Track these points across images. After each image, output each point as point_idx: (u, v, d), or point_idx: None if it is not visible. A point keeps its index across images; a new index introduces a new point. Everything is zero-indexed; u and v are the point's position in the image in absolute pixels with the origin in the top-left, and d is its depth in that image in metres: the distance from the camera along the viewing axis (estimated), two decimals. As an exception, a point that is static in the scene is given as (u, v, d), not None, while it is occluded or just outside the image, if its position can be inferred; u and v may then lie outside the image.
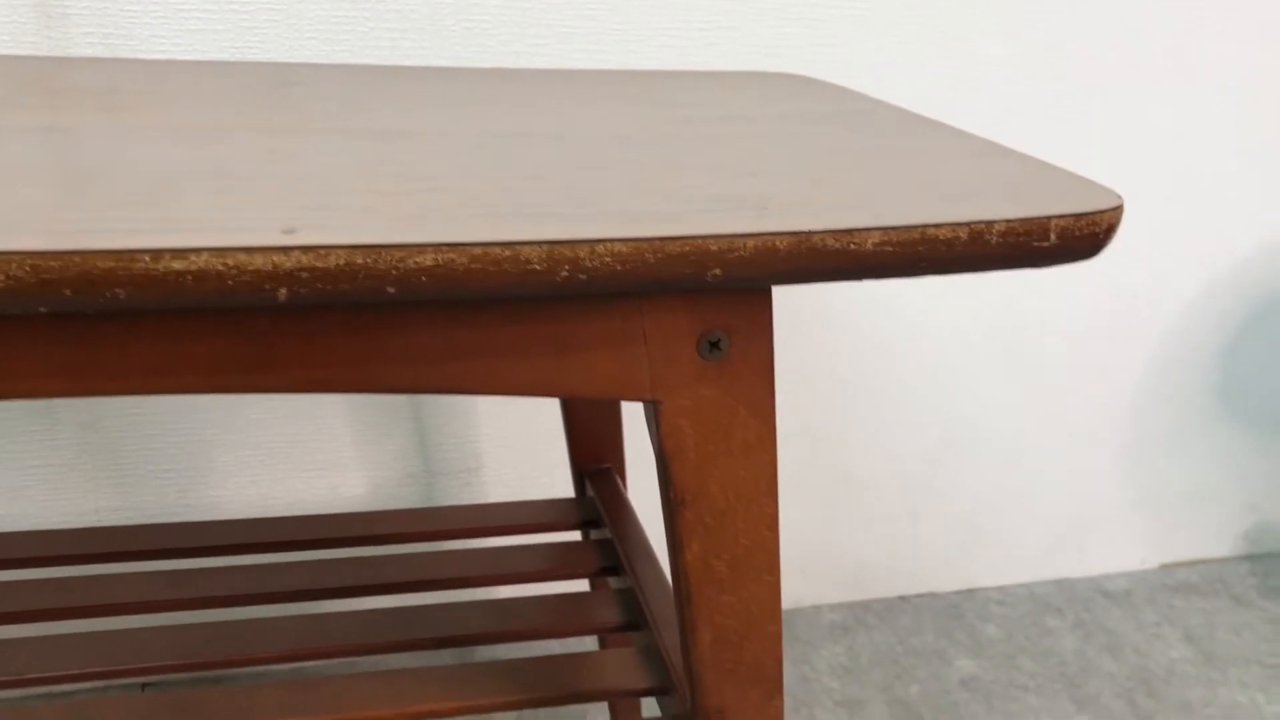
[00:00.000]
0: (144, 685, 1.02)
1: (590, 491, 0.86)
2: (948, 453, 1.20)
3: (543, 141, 0.54)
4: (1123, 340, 1.21)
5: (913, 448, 1.19)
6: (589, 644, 1.07)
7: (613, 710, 0.96)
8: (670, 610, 0.69)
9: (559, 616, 0.71)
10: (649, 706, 0.94)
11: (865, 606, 1.24)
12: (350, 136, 0.53)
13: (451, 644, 0.68)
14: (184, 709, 0.60)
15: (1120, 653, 1.17)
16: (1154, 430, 1.27)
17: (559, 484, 1.08)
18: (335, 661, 1.01)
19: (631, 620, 0.72)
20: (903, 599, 1.26)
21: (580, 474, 0.88)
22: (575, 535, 0.86)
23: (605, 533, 0.82)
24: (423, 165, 0.48)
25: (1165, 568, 1.34)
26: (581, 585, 0.96)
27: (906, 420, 1.18)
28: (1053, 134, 1.10)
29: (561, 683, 0.64)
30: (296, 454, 1.01)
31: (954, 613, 1.24)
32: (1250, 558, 1.37)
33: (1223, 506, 1.33)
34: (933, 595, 1.27)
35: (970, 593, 1.28)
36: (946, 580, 1.27)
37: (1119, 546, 1.31)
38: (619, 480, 0.87)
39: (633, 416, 1.05)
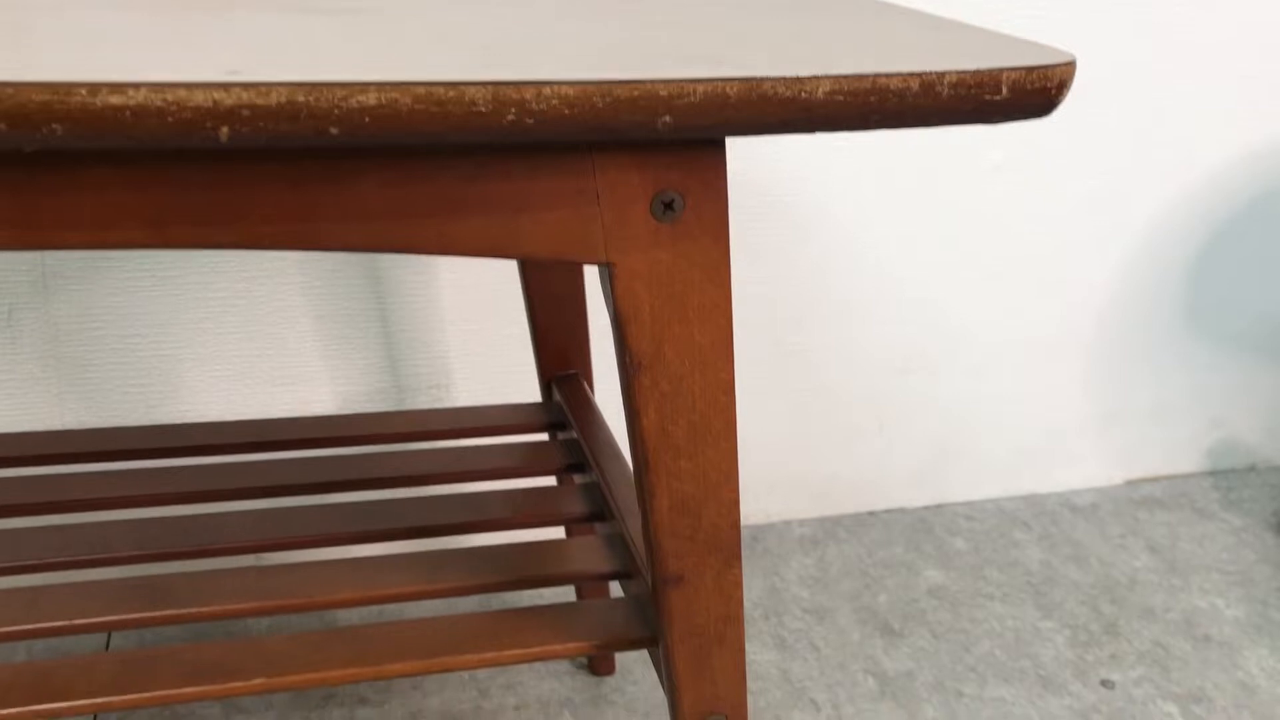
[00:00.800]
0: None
1: (557, 396, 0.86)
2: (916, 365, 1.21)
3: (500, 9, 0.54)
4: (1089, 255, 1.22)
5: (881, 361, 1.20)
6: (556, 536, 1.08)
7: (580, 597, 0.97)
8: (634, 501, 0.70)
9: (526, 509, 0.72)
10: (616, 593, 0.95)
11: (835, 521, 1.25)
12: (307, 12, 0.53)
13: (419, 535, 0.69)
14: (152, 593, 0.60)
15: (1085, 563, 1.19)
16: (1120, 346, 1.28)
17: (528, 397, 1.08)
18: (303, 553, 1.02)
19: (596, 511, 0.72)
20: (872, 514, 1.27)
21: (547, 380, 0.88)
22: (542, 437, 0.86)
23: (572, 434, 0.82)
24: (376, 30, 0.48)
25: (1131, 483, 1.36)
26: (548, 482, 0.97)
27: (875, 334, 1.18)
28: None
29: (527, 568, 0.65)
30: (263, 369, 1.01)
31: (923, 527, 1.25)
32: (1214, 473, 1.39)
33: (1187, 422, 1.35)
34: (902, 510, 1.28)
35: (939, 508, 1.29)
36: (916, 496, 1.28)
37: (1086, 462, 1.33)
38: (585, 385, 0.87)
39: (599, 323, 1.05)
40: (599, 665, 0.98)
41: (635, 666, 1.00)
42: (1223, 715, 0.97)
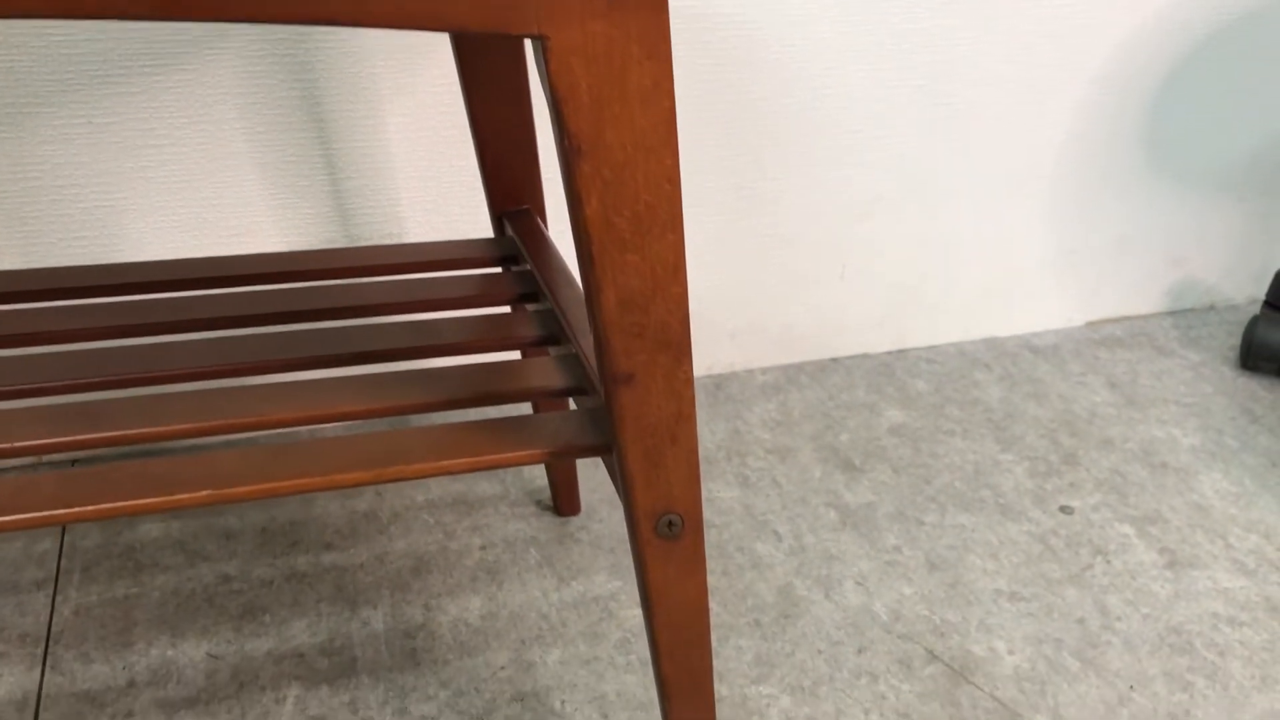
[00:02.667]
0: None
1: (509, 231, 0.85)
2: (876, 208, 1.20)
3: None
4: (1049, 92, 1.20)
5: (842, 205, 1.18)
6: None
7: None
8: (588, 322, 0.69)
9: (479, 334, 0.71)
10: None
11: (797, 368, 1.25)
12: None
13: (369, 360, 0.68)
14: (90, 416, 0.59)
15: (1045, 399, 1.20)
16: (1080, 184, 1.27)
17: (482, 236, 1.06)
18: (251, 381, 1.01)
19: (550, 336, 0.72)
20: (834, 360, 1.27)
21: (498, 215, 0.86)
22: (495, 271, 0.84)
23: (525, 267, 0.81)
24: None
25: (1091, 324, 1.37)
26: (502, 312, 0.96)
27: (834, 176, 1.17)
28: None
29: (481, 385, 0.64)
30: (209, 220, 0.98)
31: (885, 371, 1.26)
32: (1174, 313, 1.40)
33: (1147, 261, 1.35)
34: (864, 356, 1.28)
35: (901, 353, 1.29)
36: (877, 341, 1.28)
37: (1046, 305, 1.33)
38: (538, 220, 0.85)
39: (550, 160, 1.03)
40: (564, 505, 0.99)
41: (601, 507, 1.00)
42: (1177, 535, 0.99)
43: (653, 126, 0.48)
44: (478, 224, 1.06)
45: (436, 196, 1.04)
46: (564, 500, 0.99)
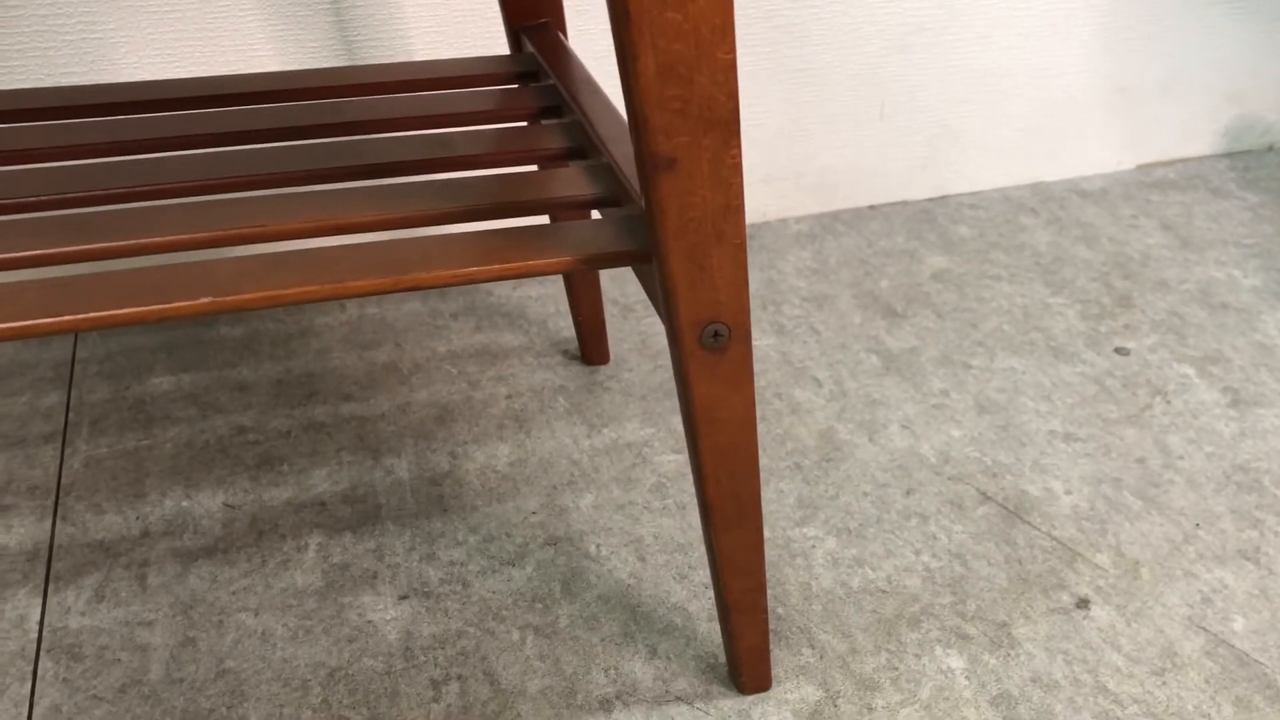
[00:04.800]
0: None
1: (528, 46, 0.78)
2: (918, 39, 1.12)
3: None
4: (1109, -94, 1.11)
5: (882, 35, 1.10)
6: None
7: (569, 285, 0.92)
8: (622, 129, 0.63)
9: (500, 146, 0.65)
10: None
11: (834, 216, 1.19)
12: None
13: (382, 173, 0.62)
14: (82, 228, 0.53)
15: (1096, 243, 1.14)
16: (1132, 15, 1.18)
17: (501, 83, 0.99)
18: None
19: (577, 148, 0.66)
20: (872, 208, 1.21)
21: (515, 32, 0.79)
22: (513, 88, 0.78)
23: (546, 83, 0.74)
24: None
25: (1142, 168, 1.29)
26: (523, 126, 0.90)
27: (873, 3, 1.08)
28: None
29: (505, 195, 0.58)
30: (204, 50, 0.91)
31: (925, 217, 1.19)
32: (1230, 155, 1.32)
33: (1202, 100, 1.27)
34: (903, 203, 1.22)
35: (942, 199, 1.23)
36: (918, 188, 1.21)
37: (1095, 147, 1.26)
38: (559, 34, 0.78)
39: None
40: (592, 354, 0.94)
41: (630, 356, 0.95)
42: (1240, 374, 0.94)
43: None
44: (490, 50, 0.99)
45: (446, 21, 0.96)
46: (592, 349, 0.94)
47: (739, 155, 0.48)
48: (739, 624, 0.62)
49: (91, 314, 0.47)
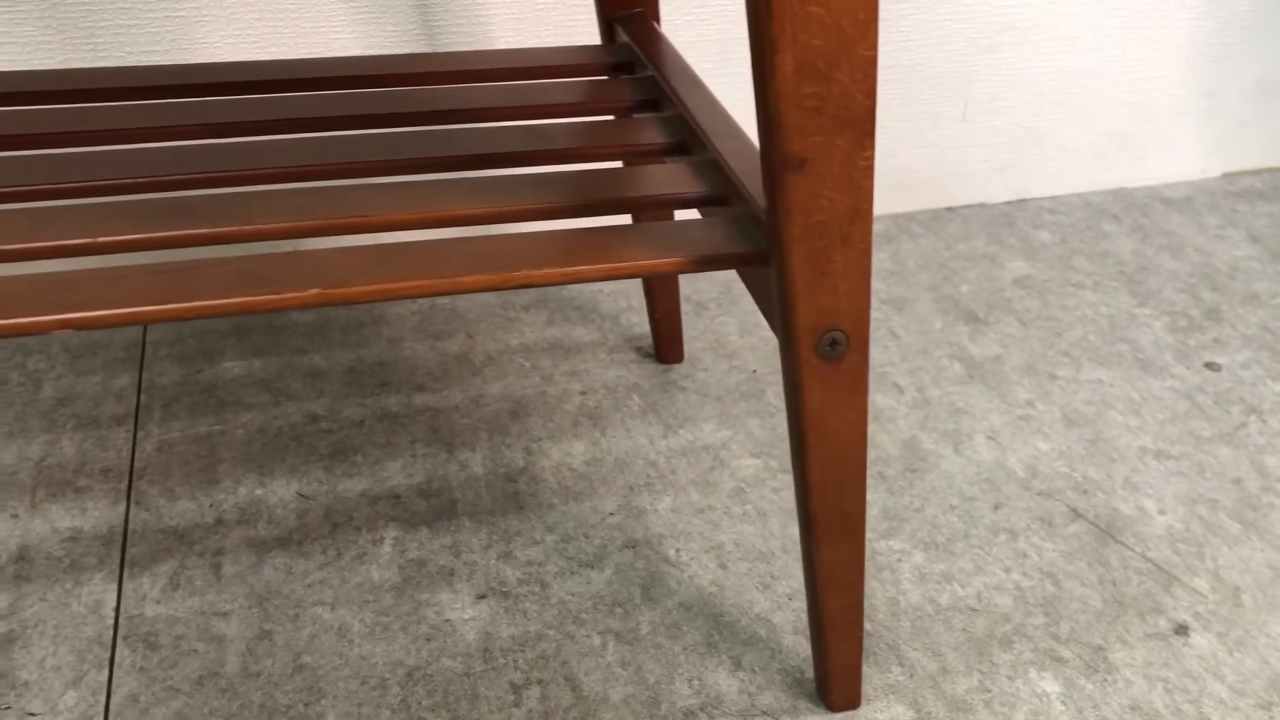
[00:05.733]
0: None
1: (622, 37, 0.76)
2: (1006, 38, 1.09)
3: None
4: (1210, -94, 1.07)
5: (968, 31, 1.07)
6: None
7: (650, 290, 0.90)
8: (728, 125, 0.61)
9: (601, 139, 0.63)
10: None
11: (909, 217, 1.16)
12: None
13: (482, 164, 0.60)
14: (181, 211, 0.52)
15: (1181, 253, 1.11)
16: (1224, 19, 1.14)
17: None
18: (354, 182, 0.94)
19: (679, 142, 0.64)
20: (950, 209, 1.18)
21: (608, 22, 0.77)
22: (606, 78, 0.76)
23: (641, 74, 0.72)
24: None
25: (1228, 176, 1.26)
26: (621, 119, 0.88)
27: (962, 1, 1.06)
28: None
29: (610, 191, 0.57)
30: (286, 32, 0.90)
31: (1004, 221, 1.16)
32: (1319, 165, 1.28)
33: (1296, 108, 1.23)
34: (981, 206, 1.19)
35: (1021, 203, 1.20)
36: (997, 190, 1.19)
37: (1179, 153, 1.22)
38: (654, 24, 0.76)
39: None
40: (667, 352, 0.92)
41: (704, 355, 0.93)
42: (1338, 394, 0.90)
43: None
44: (572, 39, 0.97)
45: (527, 9, 0.94)
46: (667, 347, 0.92)
47: (872, 157, 0.46)
48: (834, 640, 0.60)
49: (198, 303, 0.46)
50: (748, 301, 1.01)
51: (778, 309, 0.51)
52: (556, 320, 0.98)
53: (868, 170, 0.46)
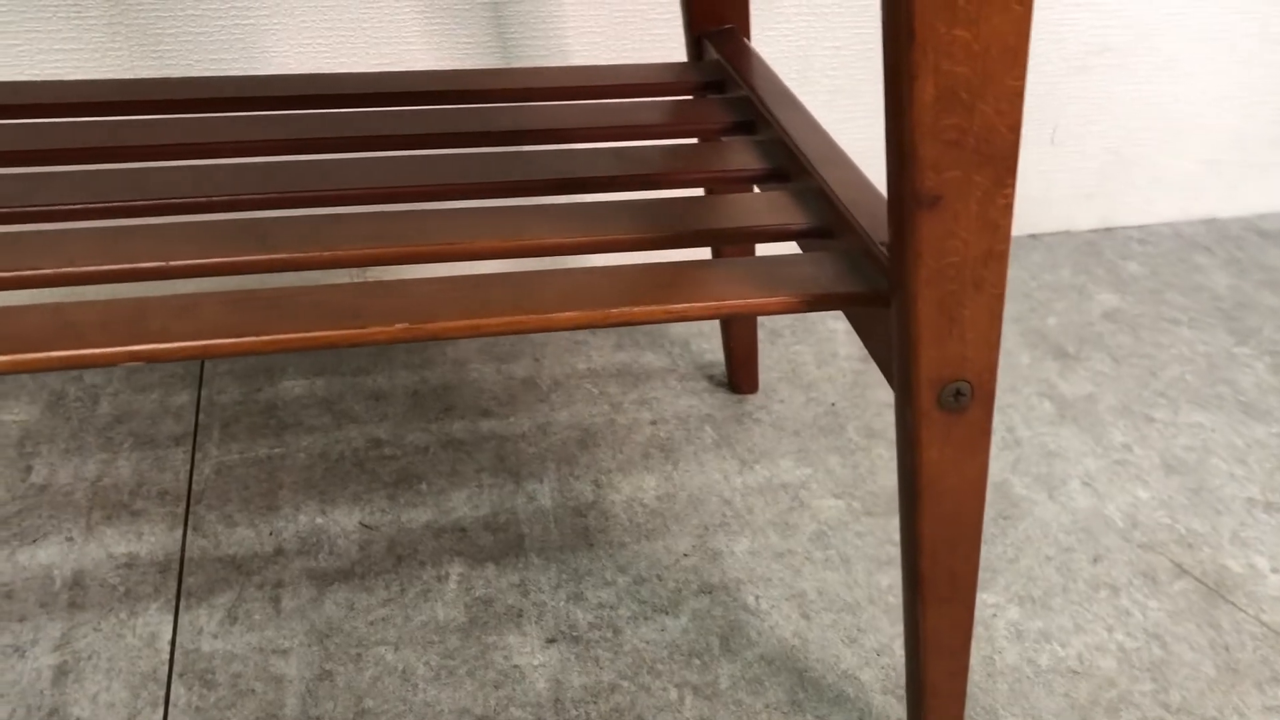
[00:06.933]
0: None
1: (712, 54, 0.72)
2: (1098, 60, 1.04)
3: None
4: (1320, -75, 1.02)
5: (1060, 51, 1.03)
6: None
7: (726, 329, 0.86)
8: (832, 150, 0.57)
9: (695, 164, 0.59)
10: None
11: (991, 244, 1.11)
12: None
13: (570, 189, 0.57)
14: (259, 235, 0.49)
15: (1280, 288, 1.05)
16: (1339, 42, 1.09)
17: (658, 88, 0.94)
18: (434, 206, 0.91)
19: (778, 169, 0.60)
20: (1033, 237, 1.13)
21: (697, 37, 0.74)
22: (689, 98, 0.72)
23: (734, 94, 0.69)
24: None
25: (1326, 208, 1.20)
26: (715, 142, 0.84)
27: (1055, 17, 1.01)
28: None
29: (707, 221, 0.53)
30: (358, 42, 0.88)
31: (1090, 250, 1.11)
32: None
33: (1401, 138, 1.17)
34: (1067, 233, 1.14)
35: (1108, 231, 1.15)
36: (1083, 218, 1.14)
37: (1276, 183, 1.17)
38: (746, 40, 0.73)
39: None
40: (741, 382, 0.88)
41: (780, 386, 0.89)
42: None
43: None
44: (651, 55, 0.93)
45: (605, 23, 0.91)
46: (741, 376, 0.88)
47: (1012, 195, 0.42)
48: (934, 707, 0.56)
49: (275, 336, 0.43)
50: (823, 329, 0.97)
51: (896, 355, 0.47)
52: (625, 345, 0.94)
53: (1007, 210, 0.42)
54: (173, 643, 0.65)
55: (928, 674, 0.55)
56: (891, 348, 0.47)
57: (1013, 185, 0.42)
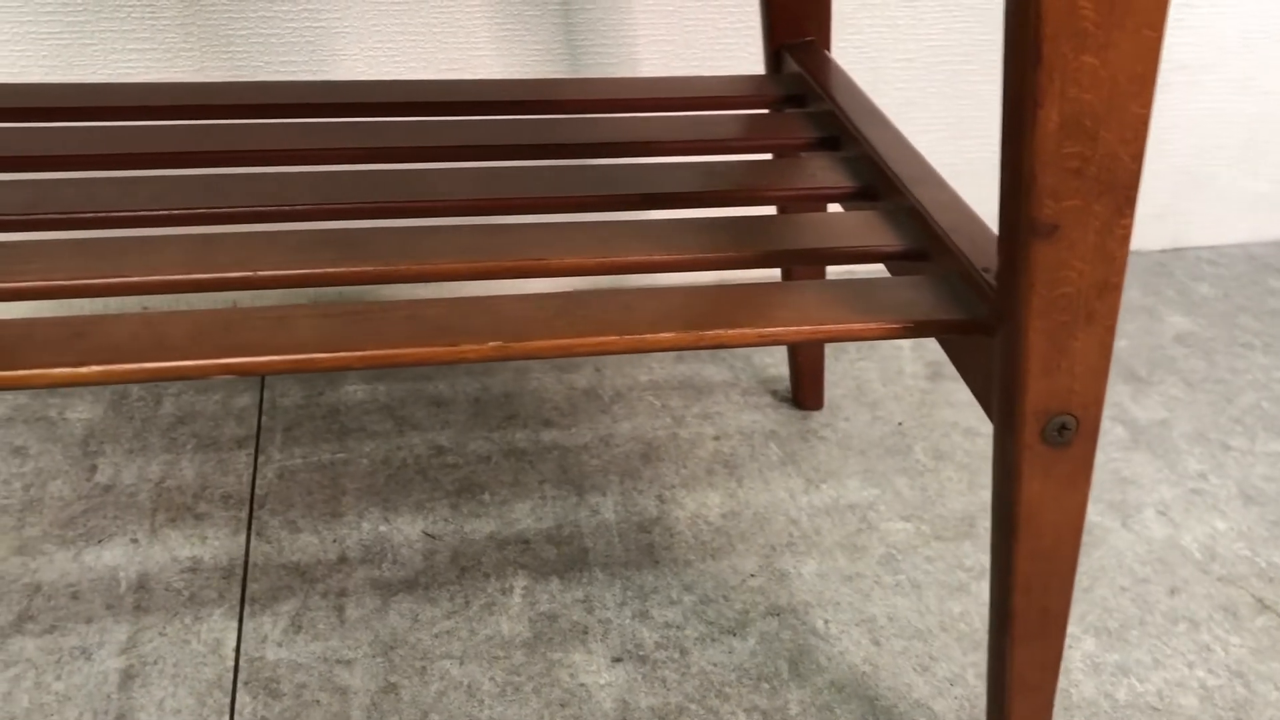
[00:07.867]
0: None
1: (791, 67, 0.71)
2: (1176, 78, 1.02)
3: None
4: None
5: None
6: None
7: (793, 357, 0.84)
8: (924, 169, 0.56)
9: (781, 181, 0.58)
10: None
11: (1057, 262, 1.09)
12: None
13: (655, 204, 0.56)
14: (344, 246, 0.48)
15: (1358, 315, 1.03)
16: None
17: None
18: (518, 219, 0.91)
19: (867, 187, 0.58)
20: (1100, 255, 1.11)
21: (776, 51, 0.73)
22: (765, 111, 0.71)
23: (816, 109, 0.67)
24: None
25: (1404, 232, 1.17)
26: (798, 158, 0.83)
27: (1135, 36, 0.99)
28: None
29: (797, 241, 0.52)
30: (427, 48, 0.87)
31: (1160, 271, 1.09)
32: None
33: None
34: (1136, 253, 1.12)
35: (1178, 251, 1.12)
36: (1152, 238, 1.11)
37: (1353, 206, 1.14)
38: (827, 54, 0.71)
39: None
40: (806, 398, 0.87)
41: (845, 403, 0.88)
42: None
43: None
44: (722, 66, 0.92)
45: (676, 32, 0.90)
46: (807, 392, 0.87)
47: (1130, 226, 0.40)
48: (1017, 745, 0.54)
49: (369, 352, 0.42)
50: (888, 346, 0.96)
51: (999, 386, 0.45)
52: (686, 357, 0.93)
53: (1124, 240, 0.41)
54: (237, 650, 0.65)
55: (1013, 711, 0.53)
56: (993, 378, 0.46)
57: (1131, 215, 0.40)
